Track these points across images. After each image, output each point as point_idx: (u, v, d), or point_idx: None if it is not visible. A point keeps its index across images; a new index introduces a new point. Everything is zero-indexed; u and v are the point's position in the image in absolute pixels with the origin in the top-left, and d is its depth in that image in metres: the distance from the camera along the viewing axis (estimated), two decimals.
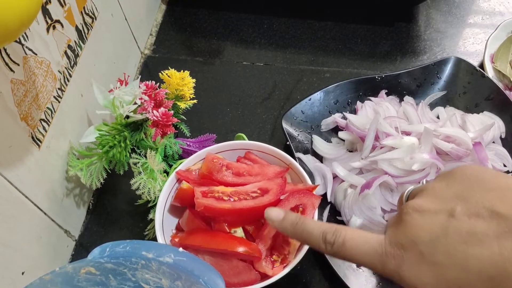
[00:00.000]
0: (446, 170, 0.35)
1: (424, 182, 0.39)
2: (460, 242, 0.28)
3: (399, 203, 0.38)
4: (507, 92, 0.59)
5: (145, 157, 0.52)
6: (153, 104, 0.54)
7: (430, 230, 0.29)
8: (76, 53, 0.52)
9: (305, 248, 0.45)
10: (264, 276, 0.44)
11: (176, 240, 0.47)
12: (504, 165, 0.56)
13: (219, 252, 0.45)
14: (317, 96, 0.61)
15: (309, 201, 0.47)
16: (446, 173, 0.33)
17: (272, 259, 0.45)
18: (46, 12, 0.45)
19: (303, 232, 0.37)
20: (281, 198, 0.47)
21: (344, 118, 0.60)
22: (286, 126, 0.58)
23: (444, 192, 0.31)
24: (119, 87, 0.55)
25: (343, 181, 0.55)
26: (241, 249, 0.44)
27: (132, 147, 0.53)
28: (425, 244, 0.29)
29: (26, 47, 0.43)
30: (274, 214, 0.39)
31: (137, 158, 0.52)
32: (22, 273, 0.45)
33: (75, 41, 0.52)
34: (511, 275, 0.26)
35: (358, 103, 0.62)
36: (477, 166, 0.34)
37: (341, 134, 0.59)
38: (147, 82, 0.55)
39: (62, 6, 0.48)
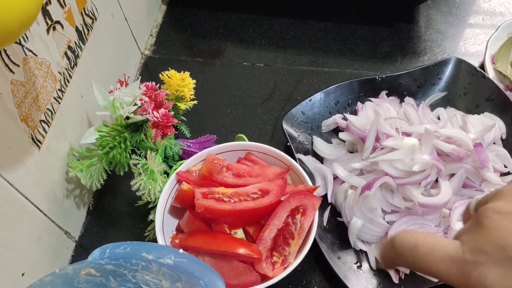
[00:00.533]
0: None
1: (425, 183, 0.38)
2: None
3: (466, 213, 0.36)
4: (507, 93, 0.59)
5: (145, 158, 0.52)
6: (153, 105, 0.54)
7: None
8: (76, 54, 0.52)
9: (306, 249, 0.45)
10: (265, 277, 0.44)
11: (177, 241, 0.47)
12: (505, 166, 0.56)
13: (219, 253, 0.45)
14: (318, 97, 0.61)
15: (309, 202, 0.46)
16: None
17: (273, 260, 0.45)
18: (46, 13, 0.45)
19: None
20: (281, 199, 0.47)
21: (345, 119, 0.60)
22: (286, 127, 0.58)
23: None
24: (119, 88, 0.55)
25: (343, 182, 0.55)
26: (241, 250, 0.43)
27: (132, 148, 0.53)
28: None
29: (26, 48, 0.43)
30: None
31: (137, 159, 0.52)
32: (22, 275, 0.45)
33: (75, 42, 0.52)
34: None
35: (359, 104, 0.62)
36: None
37: (341, 135, 0.59)
38: (147, 83, 0.55)
39: (62, 7, 0.48)
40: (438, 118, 0.61)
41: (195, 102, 0.60)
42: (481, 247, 0.28)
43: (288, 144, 0.57)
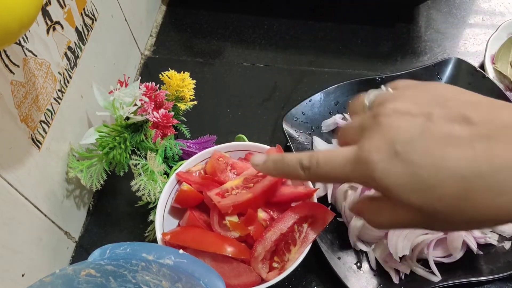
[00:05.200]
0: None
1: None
2: (436, 143, 0.28)
3: (355, 106, 0.37)
4: (507, 93, 0.59)
5: (145, 158, 0.52)
6: (153, 106, 0.54)
7: (408, 131, 0.30)
8: (76, 54, 0.52)
9: (304, 252, 0.44)
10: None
11: (167, 237, 0.46)
12: None
13: (209, 254, 0.45)
14: (318, 97, 0.61)
15: (321, 215, 0.46)
16: (414, 84, 0.34)
17: (274, 265, 0.45)
18: (46, 14, 0.45)
19: (283, 166, 0.37)
20: (292, 205, 0.48)
21: (345, 119, 0.60)
22: (286, 127, 0.58)
23: (420, 98, 0.31)
24: (119, 89, 0.55)
25: None
26: (229, 249, 0.43)
27: (132, 149, 0.53)
28: (401, 144, 0.29)
29: (26, 48, 0.43)
30: (258, 158, 0.39)
31: (137, 160, 0.52)
32: (22, 275, 0.45)
33: (75, 43, 0.52)
34: (483, 174, 0.27)
35: None
36: (449, 85, 0.35)
37: None
38: (147, 83, 0.55)
39: (62, 8, 0.48)
40: None
41: (195, 102, 0.60)
42: (374, 143, 0.30)
43: (288, 144, 0.57)
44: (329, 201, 0.55)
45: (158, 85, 0.56)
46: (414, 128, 0.30)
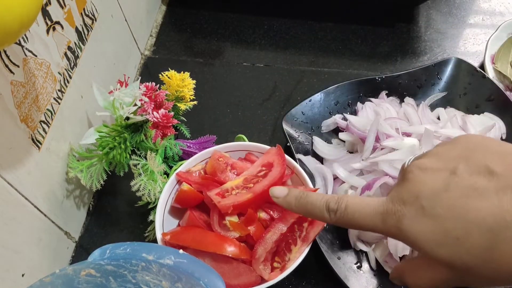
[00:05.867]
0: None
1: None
2: (460, 196, 0.29)
3: (401, 172, 0.39)
4: (507, 93, 0.59)
5: (145, 158, 0.52)
6: (153, 106, 0.54)
7: (432, 185, 0.30)
8: (76, 54, 0.52)
9: (304, 252, 0.44)
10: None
11: (167, 237, 0.46)
12: None
13: (209, 254, 0.45)
14: (318, 97, 0.61)
15: None
16: (450, 140, 0.35)
17: (275, 266, 0.45)
18: (46, 14, 0.45)
19: (307, 204, 0.37)
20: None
21: (345, 119, 0.60)
22: (286, 127, 0.58)
23: (447, 154, 0.32)
24: (119, 89, 0.55)
25: (343, 182, 0.55)
26: (229, 249, 0.43)
27: (132, 149, 0.53)
28: (426, 198, 0.30)
29: (26, 48, 0.43)
30: (279, 191, 0.40)
31: (137, 160, 0.52)
32: (22, 275, 0.45)
33: (75, 43, 0.52)
34: (509, 224, 0.27)
35: (359, 104, 0.62)
36: (482, 135, 0.36)
37: (341, 135, 0.59)
38: (147, 83, 0.55)
39: (62, 8, 0.48)
40: (438, 118, 0.61)
41: (195, 102, 0.60)
42: (401, 197, 0.32)
43: (288, 144, 0.57)
44: None
45: (158, 85, 0.56)
46: (439, 183, 0.30)
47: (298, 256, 0.44)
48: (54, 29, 0.47)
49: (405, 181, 0.33)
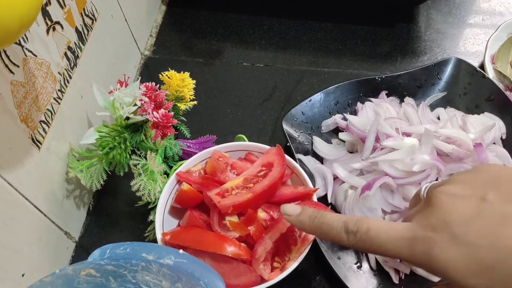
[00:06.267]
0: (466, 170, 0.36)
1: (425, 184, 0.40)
2: (494, 223, 0.28)
3: (414, 199, 0.39)
4: (507, 93, 0.59)
5: (145, 158, 0.52)
6: (153, 106, 0.54)
7: (463, 212, 0.30)
8: (76, 54, 0.52)
9: (305, 252, 0.44)
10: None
11: (167, 237, 0.46)
12: None
13: (209, 254, 0.45)
14: (318, 97, 0.61)
15: None
16: (470, 169, 0.35)
17: (274, 265, 0.45)
18: (46, 14, 0.45)
19: (323, 225, 0.36)
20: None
21: (345, 119, 0.60)
22: (286, 127, 0.58)
23: (474, 181, 0.32)
24: (119, 89, 0.55)
25: (343, 182, 0.55)
26: (229, 249, 0.43)
27: (132, 149, 0.53)
28: (458, 225, 0.29)
29: (26, 48, 0.43)
30: (291, 209, 0.38)
31: (137, 160, 0.52)
32: (22, 275, 0.45)
33: (75, 43, 0.52)
34: None
35: (359, 104, 0.62)
36: (503, 165, 0.36)
37: (341, 135, 0.59)
38: (147, 83, 0.55)
39: (62, 8, 0.48)
40: (438, 118, 0.61)
41: (195, 102, 0.60)
42: (430, 223, 0.31)
43: (288, 144, 0.57)
44: (329, 201, 0.55)
45: (158, 85, 0.56)
46: (470, 210, 0.30)
47: (298, 256, 0.44)
48: (54, 29, 0.47)
49: (431, 207, 0.32)
